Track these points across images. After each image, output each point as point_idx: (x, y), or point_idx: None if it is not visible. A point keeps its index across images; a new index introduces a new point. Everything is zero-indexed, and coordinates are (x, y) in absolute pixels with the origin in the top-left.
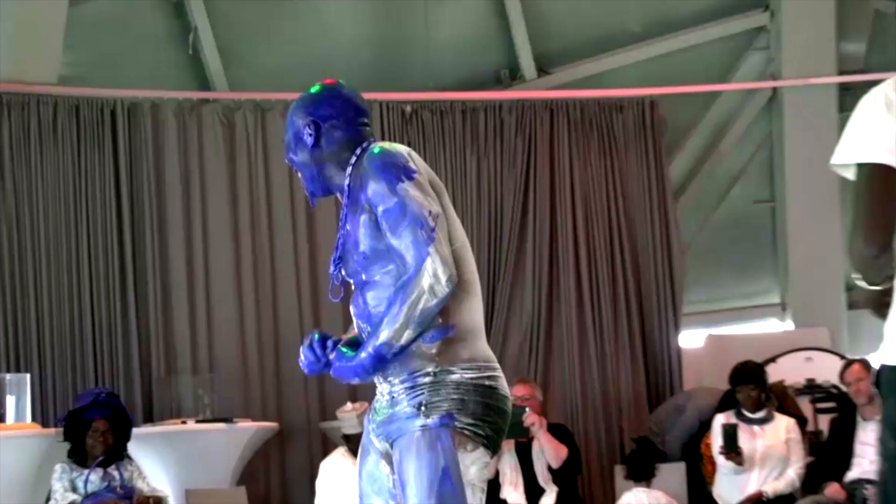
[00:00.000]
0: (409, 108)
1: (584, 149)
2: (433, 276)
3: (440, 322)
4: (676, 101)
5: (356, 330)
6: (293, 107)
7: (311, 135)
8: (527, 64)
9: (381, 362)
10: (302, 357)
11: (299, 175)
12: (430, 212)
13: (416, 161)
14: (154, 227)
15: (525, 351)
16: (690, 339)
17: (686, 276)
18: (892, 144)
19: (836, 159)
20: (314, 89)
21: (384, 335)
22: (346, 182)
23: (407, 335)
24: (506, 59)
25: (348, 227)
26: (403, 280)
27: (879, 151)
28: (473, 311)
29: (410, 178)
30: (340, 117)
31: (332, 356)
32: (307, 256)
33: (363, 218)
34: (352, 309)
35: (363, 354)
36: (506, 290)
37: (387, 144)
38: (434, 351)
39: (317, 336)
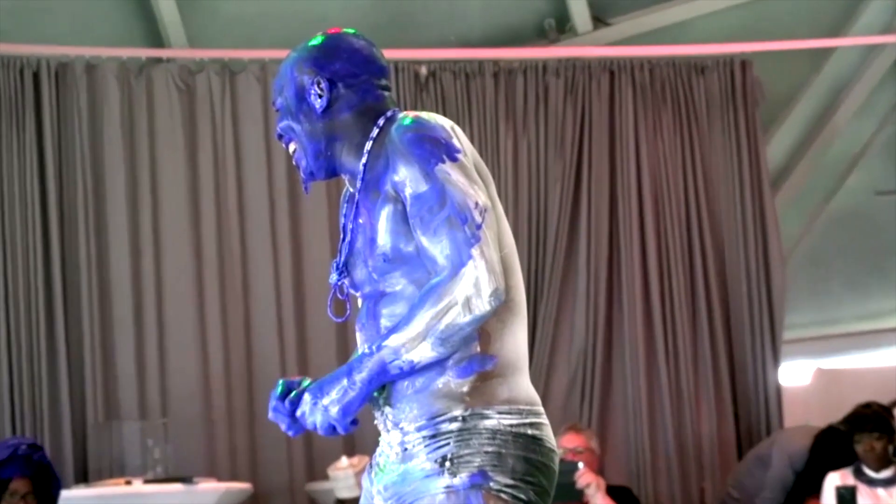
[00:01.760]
0: (424, 70)
1: (654, 123)
2: (474, 285)
3: (477, 350)
4: (775, 60)
5: None
6: (293, 59)
7: (320, 96)
8: (579, 11)
9: (381, 375)
10: (274, 419)
11: (292, 150)
12: (476, 203)
13: (459, 138)
14: (90, 224)
15: (576, 390)
16: (794, 373)
17: (788, 291)
18: None
19: None
20: (319, 39)
21: (392, 339)
22: (363, 161)
23: (421, 350)
24: (552, 4)
25: (361, 220)
26: (432, 283)
27: None
28: (518, 339)
29: (453, 159)
30: (360, 76)
31: (305, 404)
32: (290, 262)
33: (387, 209)
34: (358, 332)
35: (363, 364)
36: (551, 310)
37: (423, 114)
38: (466, 389)
39: (280, 388)
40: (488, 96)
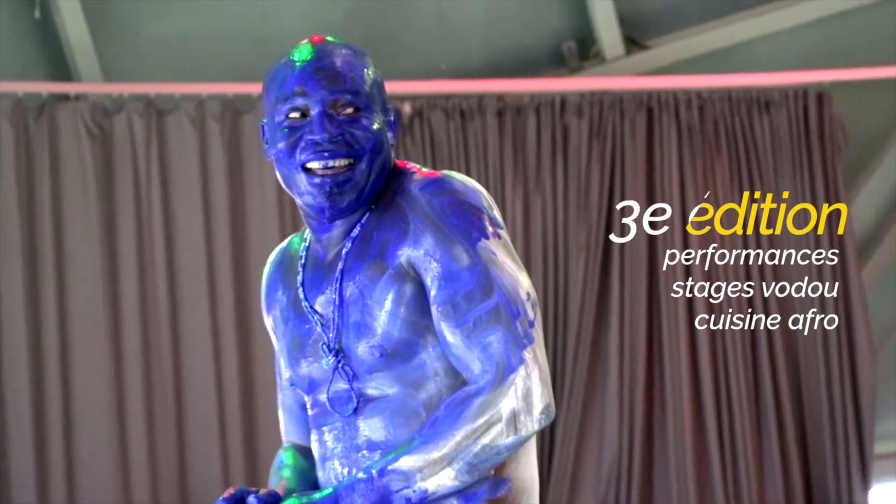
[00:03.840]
0: (408, 108)
1: (704, 173)
2: (524, 399)
3: (490, 473)
4: (861, 92)
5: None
6: (368, 62)
7: (391, 122)
8: (608, 32)
9: None
10: None
11: (345, 165)
12: (528, 294)
13: (496, 208)
14: None
15: None
16: (889, 497)
17: (880, 391)
18: None
19: None
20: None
21: (405, 461)
22: (363, 217)
23: (441, 478)
24: (572, 23)
25: (348, 294)
26: (469, 391)
27: None
28: (532, 458)
29: (497, 235)
30: None
31: None
32: (235, 357)
33: (394, 290)
34: (317, 442)
35: (356, 492)
36: (574, 415)
37: (454, 175)
38: None
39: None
40: (490, 141)
